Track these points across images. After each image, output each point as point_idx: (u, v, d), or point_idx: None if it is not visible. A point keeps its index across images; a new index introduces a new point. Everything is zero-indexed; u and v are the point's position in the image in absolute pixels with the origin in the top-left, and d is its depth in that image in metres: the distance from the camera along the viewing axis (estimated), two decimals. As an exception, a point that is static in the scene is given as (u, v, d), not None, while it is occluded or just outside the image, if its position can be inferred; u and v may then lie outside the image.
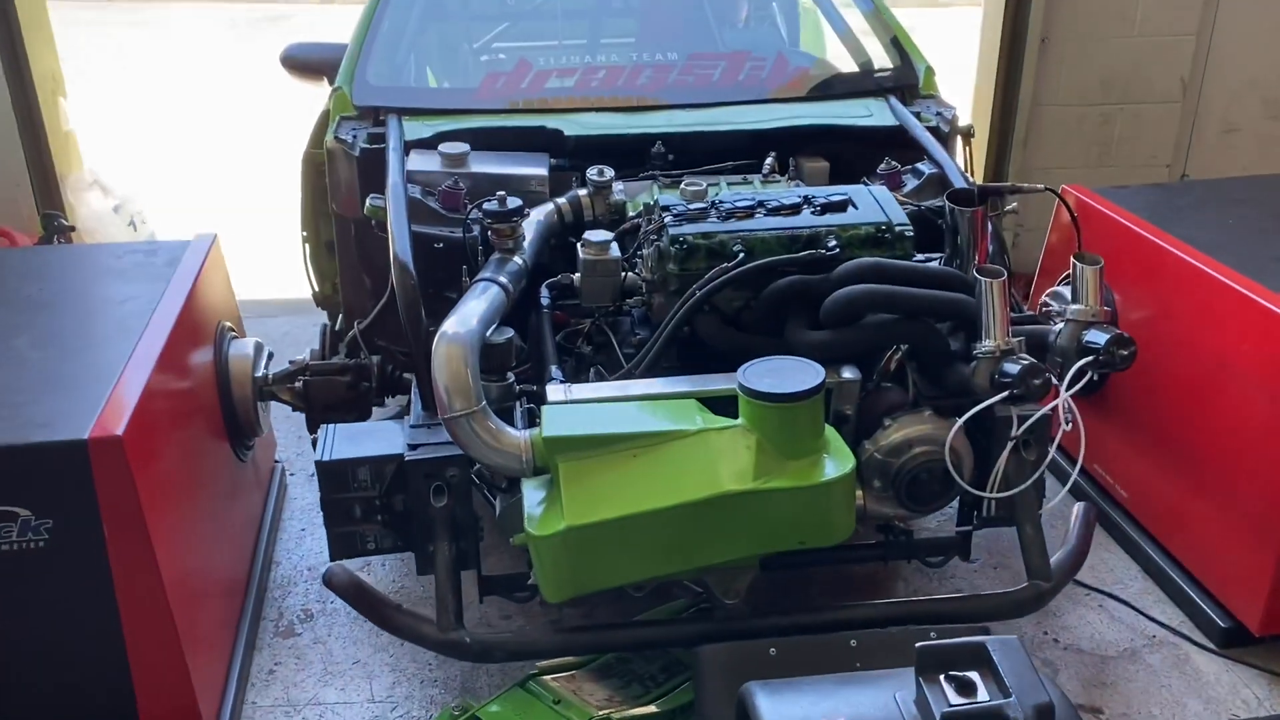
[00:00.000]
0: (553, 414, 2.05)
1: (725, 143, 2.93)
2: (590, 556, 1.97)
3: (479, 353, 2.12)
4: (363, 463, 2.13)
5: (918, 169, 2.82)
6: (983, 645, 1.55)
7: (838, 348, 2.20)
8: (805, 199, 2.42)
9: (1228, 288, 2.47)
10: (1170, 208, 2.94)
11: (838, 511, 2.01)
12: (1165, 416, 2.68)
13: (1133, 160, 4.26)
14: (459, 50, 3.51)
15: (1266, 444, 2.35)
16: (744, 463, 1.97)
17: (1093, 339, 2.14)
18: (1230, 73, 4.20)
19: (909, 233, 2.34)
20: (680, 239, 2.29)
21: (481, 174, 2.74)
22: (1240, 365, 2.42)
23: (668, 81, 3.10)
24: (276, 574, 2.80)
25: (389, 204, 2.53)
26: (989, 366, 2.11)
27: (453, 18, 3.64)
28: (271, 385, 2.69)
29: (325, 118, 3.08)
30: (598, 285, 2.45)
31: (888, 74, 3.25)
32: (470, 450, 2.03)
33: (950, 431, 2.13)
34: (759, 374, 2.01)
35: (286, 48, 3.38)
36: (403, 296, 2.30)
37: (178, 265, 2.61)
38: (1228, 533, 2.48)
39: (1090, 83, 4.11)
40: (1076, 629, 2.59)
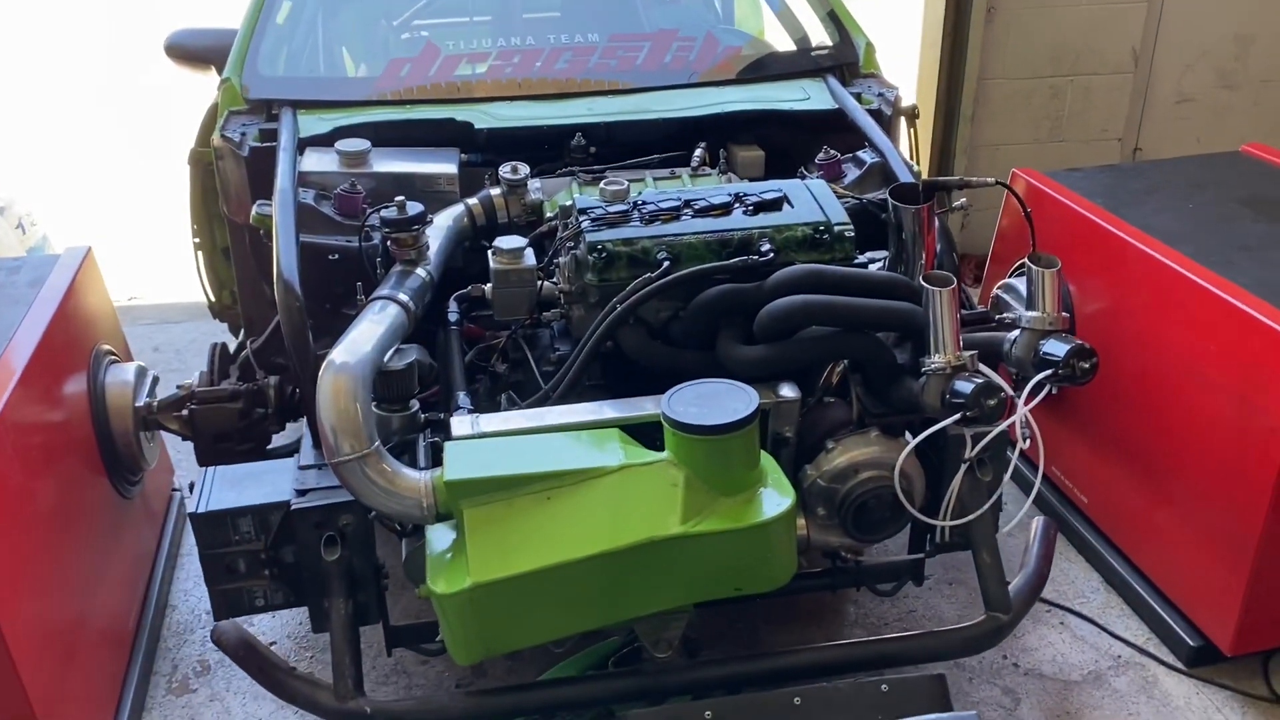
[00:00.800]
0: (456, 453, 1.83)
1: (651, 132, 2.70)
2: (501, 615, 1.75)
3: (373, 383, 1.89)
4: (244, 513, 1.90)
5: (859, 157, 2.62)
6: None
7: (774, 364, 2.00)
8: (736, 197, 2.20)
9: (1191, 283, 2.29)
10: (1127, 192, 2.76)
11: (778, 553, 1.81)
12: (1126, 418, 2.51)
13: (1084, 134, 4.09)
14: (360, 34, 3.23)
15: (1235, 450, 2.19)
16: (671, 503, 1.75)
17: (1051, 350, 1.95)
18: (1182, 42, 4.04)
19: (849, 233, 2.14)
20: (599, 246, 2.06)
21: (384, 173, 2.50)
22: (1206, 366, 2.25)
23: (588, 65, 2.86)
24: (172, 619, 2.56)
25: (275, 212, 2.27)
26: (939, 384, 1.91)
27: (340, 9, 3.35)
28: (156, 414, 2.43)
29: (214, 112, 2.81)
30: (511, 297, 2.22)
31: (825, 52, 3.03)
32: (363, 497, 1.80)
33: (901, 455, 1.94)
34: (685, 402, 1.79)
35: (171, 34, 3.09)
36: (287, 320, 2.06)
37: (42, 285, 2.34)
38: (1195, 544, 2.32)
39: (1039, 55, 3.93)
40: (1037, 651, 2.42)
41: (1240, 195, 2.73)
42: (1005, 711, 2.27)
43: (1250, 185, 2.79)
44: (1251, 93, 4.17)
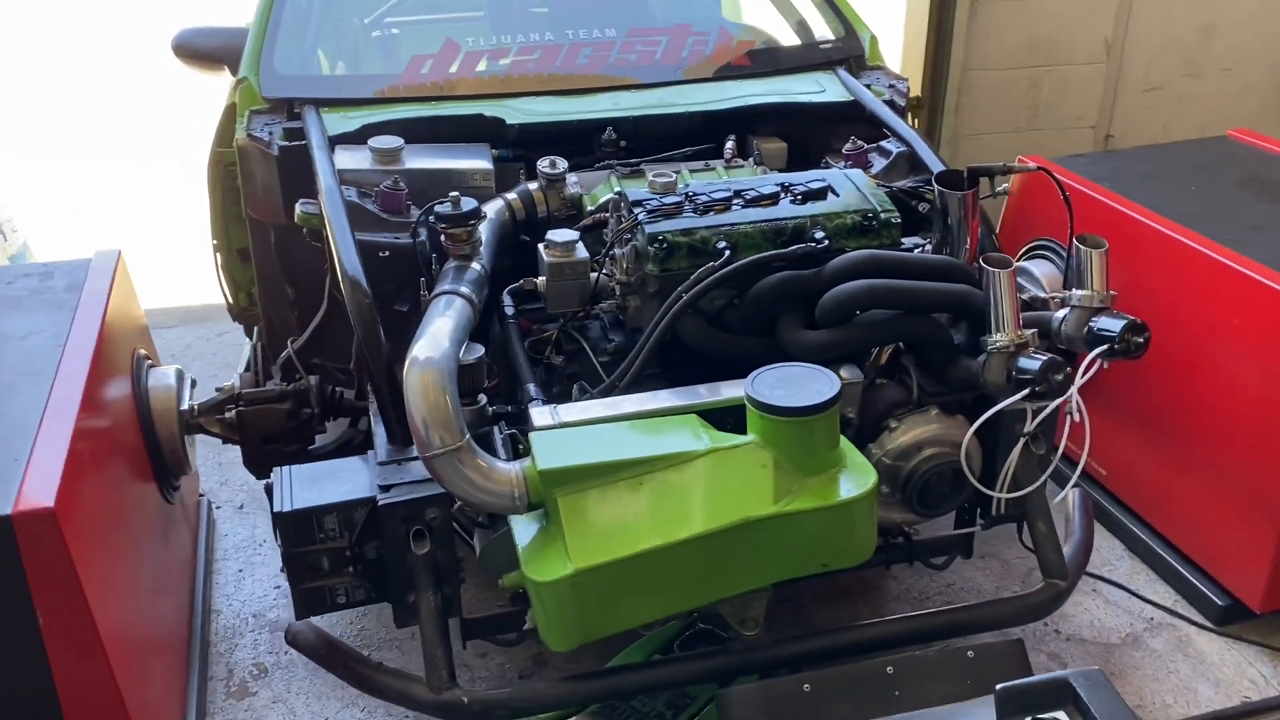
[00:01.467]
0: (544, 443, 1.85)
1: (677, 125, 2.75)
2: (601, 599, 1.78)
3: (456, 377, 1.91)
4: (329, 510, 1.89)
5: (884, 147, 2.69)
6: (1066, 681, 1.43)
7: (840, 347, 2.05)
8: (783, 187, 2.25)
9: (1212, 260, 2.41)
10: (1132, 176, 2.88)
11: (862, 529, 1.87)
12: (1147, 392, 2.62)
13: (1060, 122, 4.23)
14: (373, 30, 3.22)
15: (1261, 415, 2.31)
16: (762, 484, 1.80)
17: (1106, 326, 2.04)
18: (1150, 32, 4.20)
19: (895, 219, 2.21)
20: (659, 237, 2.10)
21: (419, 170, 2.49)
22: (1231, 339, 2.37)
23: (609, 60, 2.89)
24: (219, 624, 2.53)
25: (326, 211, 2.27)
26: (1002, 362, 1.99)
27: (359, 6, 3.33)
28: (199, 418, 2.40)
29: (231, 112, 2.77)
30: (565, 289, 2.24)
31: (833, 45, 3.10)
32: (455, 490, 1.81)
33: (968, 432, 2.01)
34: (769, 385, 1.84)
35: (178, 34, 3.04)
36: (358, 317, 2.05)
37: (81, 290, 2.29)
38: (1221, 508, 2.44)
39: (1018, 46, 4.05)
40: (1075, 618, 2.53)
41: (1238, 178, 2.87)
42: (1051, 676, 2.37)
43: (1245, 168, 2.93)
44: (1214, 80, 4.36)
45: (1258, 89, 4.42)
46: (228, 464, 3.08)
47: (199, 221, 4.16)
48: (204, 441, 2.48)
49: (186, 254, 4.47)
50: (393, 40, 3.18)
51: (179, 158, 5.91)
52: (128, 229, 4.92)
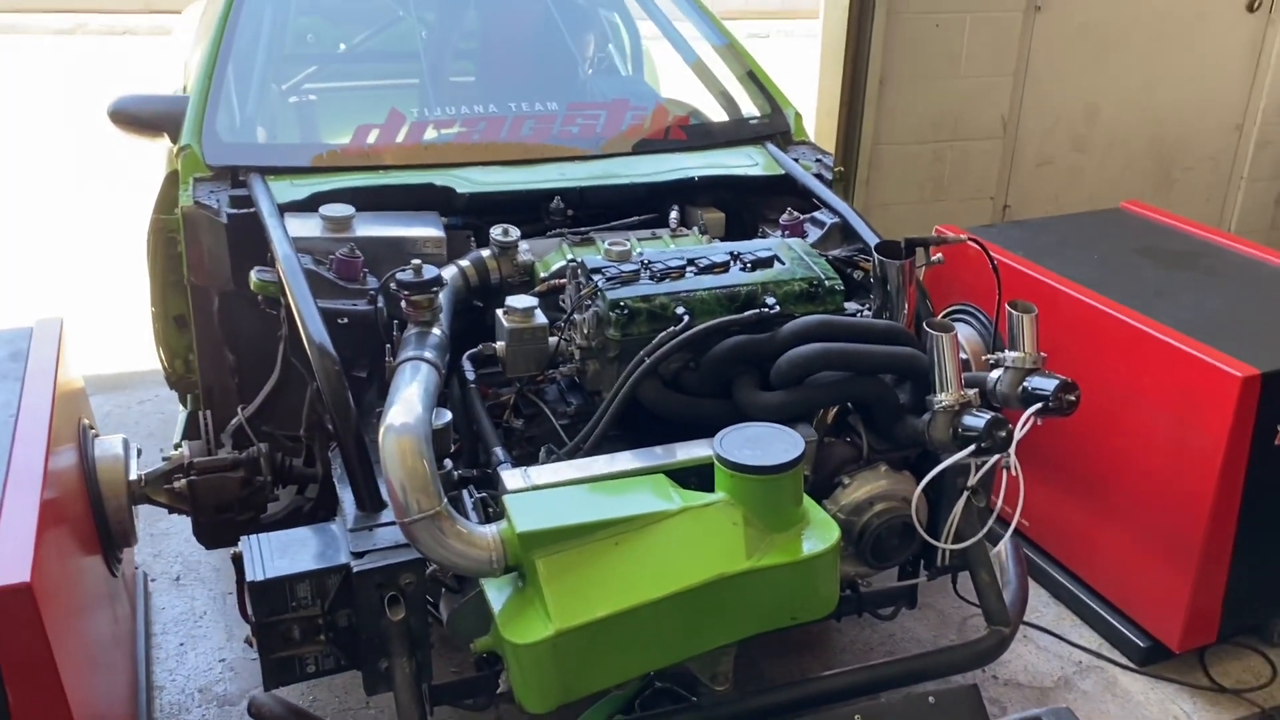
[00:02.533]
0: (520, 506, 1.88)
1: (622, 196, 2.85)
2: (579, 659, 1.81)
3: (430, 442, 1.94)
4: (303, 578, 1.88)
5: (817, 218, 2.83)
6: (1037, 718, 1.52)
7: (795, 408, 2.15)
8: (733, 255, 2.36)
9: (1124, 323, 2.60)
10: (1041, 245, 3.09)
11: (827, 582, 1.95)
12: (1067, 448, 2.79)
13: (962, 194, 4.49)
14: (310, 95, 3.25)
15: (1175, 468, 2.49)
16: (734, 541, 1.87)
17: (1039, 386, 2.19)
18: (1041, 111, 4.51)
19: (839, 287, 2.34)
20: (620, 303, 2.18)
21: (371, 238, 2.53)
22: (1142, 397, 2.55)
23: (552, 132, 2.98)
24: (163, 700, 2.46)
25: (285, 279, 2.27)
26: (947, 420, 2.11)
27: (299, 62, 3.36)
28: (146, 488, 2.35)
29: (173, 179, 2.76)
30: (525, 354, 2.29)
31: (761, 121, 3.26)
32: (434, 555, 1.82)
33: (918, 488, 2.12)
34: (737, 445, 1.92)
35: (115, 101, 3.01)
36: (327, 384, 2.06)
37: (26, 358, 2.24)
38: (1139, 556, 2.61)
39: (923, 123, 4.30)
40: (1011, 663, 2.65)
41: (1135, 247, 3.10)
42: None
43: (1140, 238, 3.17)
44: (1099, 155, 4.69)
45: (1139, 163, 4.78)
46: (160, 535, 3.00)
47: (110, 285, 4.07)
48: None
49: (102, 318, 4.37)
50: (335, 109, 3.21)
51: (85, 221, 5.78)
52: (35, 295, 4.76)
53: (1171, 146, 4.79)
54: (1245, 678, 2.61)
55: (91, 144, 6.65)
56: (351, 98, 3.27)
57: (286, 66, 3.39)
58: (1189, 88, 4.68)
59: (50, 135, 7.26)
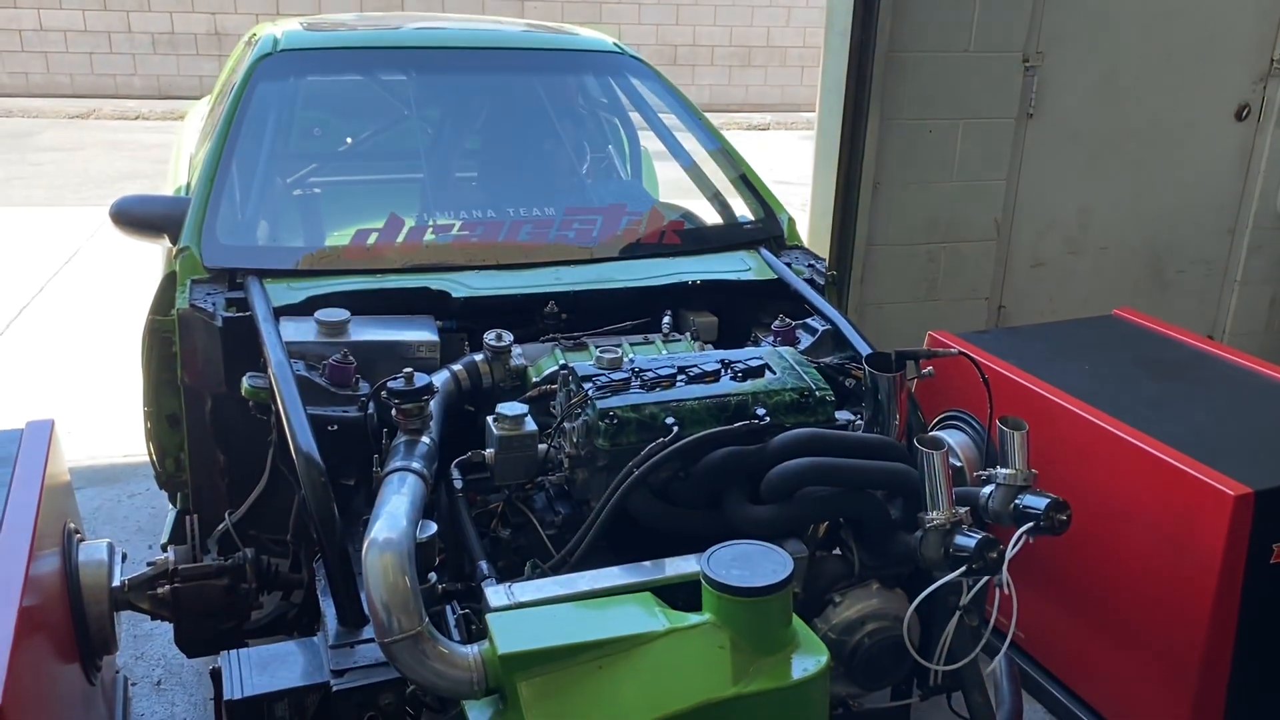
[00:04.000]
0: (503, 625, 1.85)
1: (616, 300, 2.87)
2: (562, 787, 1.77)
3: (413, 559, 1.92)
4: (281, 696, 1.85)
5: (809, 325, 2.85)
6: None
7: (785, 523, 2.13)
8: (723, 364, 2.37)
9: (1117, 437, 2.59)
10: (1033, 353, 3.10)
11: (817, 706, 1.91)
12: (1061, 561, 2.77)
13: (956, 294, 4.52)
14: (313, 197, 3.29)
15: (1170, 585, 2.46)
16: (720, 665, 1.83)
17: (1031, 504, 2.17)
18: (1035, 214, 4.57)
19: (830, 398, 2.33)
20: (610, 413, 2.17)
21: (365, 342, 2.54)
22: (1138, 512, 2.53)
23: (549, 237, 3.02)
24: (136, 817, 2.40)
25: (276, 386, 2.28)
26: (939, 539, 2.09)
27: (302, 162, 3.42)
28: (129, 594, 2.32)
29: (171, 280, 2.78)
30: (514, 462, 2.28)
31: (755, 226, 3.30)
32: (414, 675, 1.79)
33: (909, 608, 2.09)
34: (724, 564, 1.89)
35: (117, 202, 3.05)
36: (313, 495, 2.05)
37: (15, 463, 2.23)
38: (1136, 674, 2.56)
39: (917, 224, 4.36)
40: (1006, 783, 2.58)
41: (1128, 357, 3.11)
42: (989, 845, 2.40)
43: (1133, 347, 3.19)
44: (1092, 258, 4.74)
45: (1132, 265, 4.83)
46: (143, 636, 2.96)
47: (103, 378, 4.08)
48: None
49: (94, 412, 4.36)
50: (335, 212, 3.26)
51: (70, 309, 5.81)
52: (28, 384, 4.77)
53: (1164, 250, 4.84)
54: (1248, 804, 2.55)
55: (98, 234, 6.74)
56: (353, 196, 3.32)
57: (289, 164, 3.45)
58: (1180, 193, 4.75)
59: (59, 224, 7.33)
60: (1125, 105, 4.53)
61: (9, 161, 9.34)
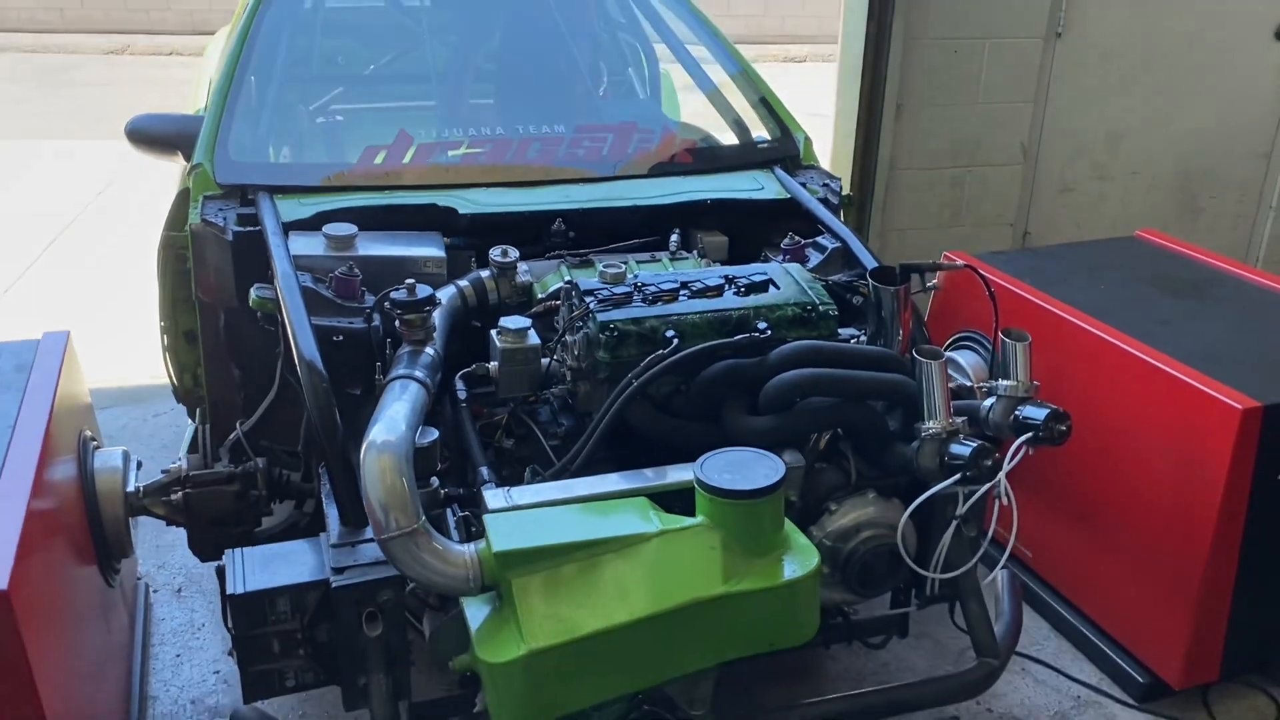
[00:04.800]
0: (499, 525, 1.89)
1: (625, 219, 2.86)
2: (553, 680, 1.81)
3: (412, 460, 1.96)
4: (282, 592, 1.90)
5: (819, 243, 2.83)
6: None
7: (782, 433, 2.14)
8: (727, 279, 2.36)
9: (1127, 354, 2.56)
10: (1049, 272, 3.06)
11: (807, 608, 1.93)
12: (1069, 479, 2.76)
13: (980, 220, 4.46)
14: (326, 119, 3.30)
15: (1176, 502, 2.44)
16: (711, 565, 1.86)
17: (1030, 414, 2.16)
18: (1063, 138, 4.47)
19: (833, 312, 2.33)
20: (610, 325, 2.18)
21: (372, 257, 2.56)
22: (1144, 428, 2.51)
23: (558, 155, 3.01)
24: (156, 711, 2.49)
25: (282, 296, 2.31)
26: (935, 448, 2.09)
27: (315, 84, 3.42)
28: (144, 500, 2.39)
29: (185, 197, 2.81)
30: (517, 374, 2.31)
31: (770, 146, 3.26)
32: (411, 572, 1.84)
33: (903, 515, 2.11)
34: (718, 469, 1.91)
35: (133, 119, 3.08)
36: (314, 401, 2.09)
37: (30, 370, 2.29)
38: (1140, 589, 2.56)
39: (941, 147, 4.28)
40: (1007, 696, 2.61)
41: (1145, 276, 3.06)
42: (986, 754, 2.45)
43: (1151, 267, 3.13)
44: (1121, 183, 4.64)
45: (1163, 191, 4.72)
46: (165, 547, 3.04)
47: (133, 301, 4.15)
48: (143, 523, 2.46)
49: (123, 333, 4.45)
50: (346, 129, 3.26)
51: (104, 236, 5.90)
52: (61, 308, 4.87)
53: (1197, 175, 4.73)
54: (1249, 717, 2.55)
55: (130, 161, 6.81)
56: (366, 119, 3.32)
57: (302, 85, 3.45)
58: (1214, 115, 4.62)
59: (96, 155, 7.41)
60: (1158, 24, 4.39)
61: (48, 96, 9.44)
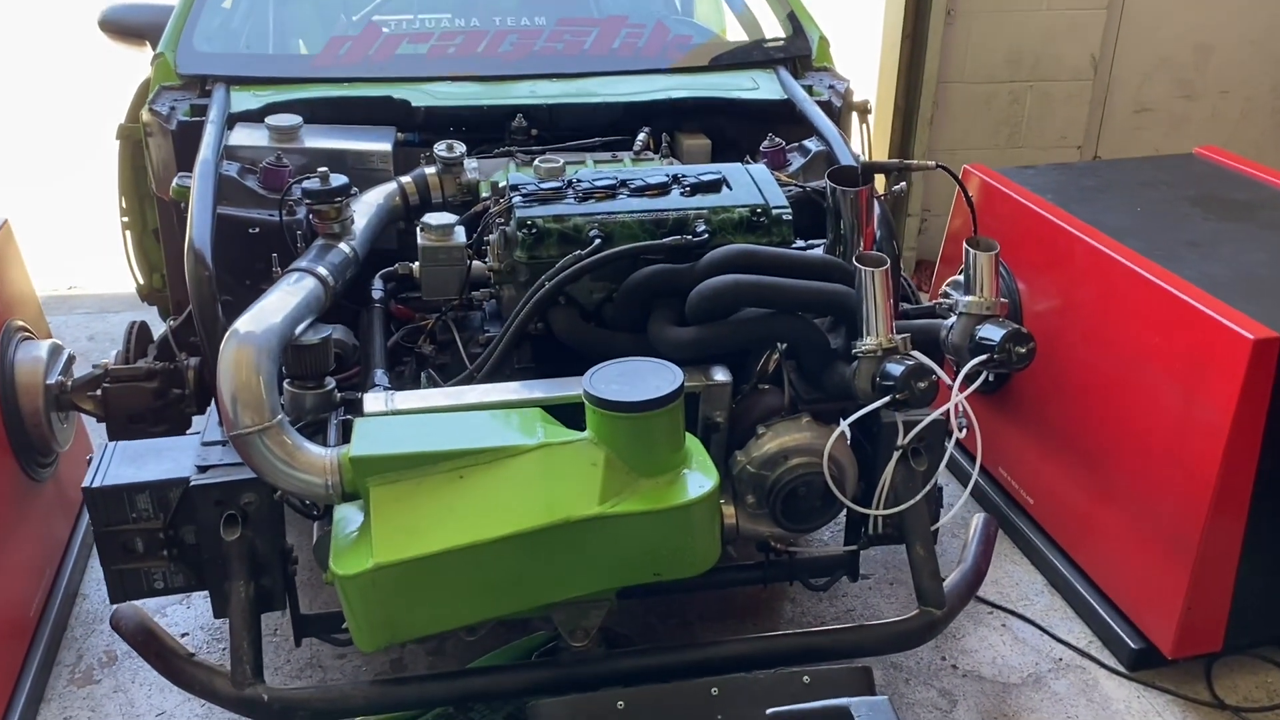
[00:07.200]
0: (366, 429, 1.75)
1: (595, 116, 2.64)
2: (406, 599, 1.67)
3: (285, 357, 1.83)
4: (141, 488, 1.80)
5: (804, 146, 2.57)
6: (845, 710, 1.29)
7: (705, 346, 1.93)
8: (674, 178, 2.14)
9: (1137, 276, 2.25)
10: (1078, 189, 2.72)
11: (700, 537, 1.74)
12: (1072, 415, 2.46)
13: (1043, 141, 4.07)
14: (303, 13, 3.15)
15: (1178, 445, 2.14)
16: (590, 483, 1.68)
17: (987, 335, 1.89)
18: (1142, 50, 4.02)
19: (787, 216, 2.08)
20: (528, 222, 1.99)
21: (315, 149, 2.42)
22: (1151, 360, 2.20)
23: (533, 49, 2.80)
24: (81, 609, 2.45)
25: (194, 182, 2.19)
26: (870, 367, 1.85)
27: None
28: (70, 394, 2.33)
29: (145, 88, 2.72)
30: (440, 276, 2.15)
31: (778, 44, 2.99)
32: (264, 473, 1.71)
33: (829, 441, 1.87)
34: (607, 379, 1.72)
35: (105, 9, 3.00)
36: (195, 291, 1.97)
37: (-50, 256, 2.24)
38: (1138, 545, 2.27)
39: (998, 59, 3.90)
40: (977, 653, 2.36)
41: (1191, 195, 2.70)
42: (941, 713, 2.20)
43: (1201, 185, 2.76)
44: (1209, 103, 4.17)
45: (1259, 113, 4.22)
46: (132, 448, 3.00)
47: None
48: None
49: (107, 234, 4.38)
50: (317, 21, 3.11)
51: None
52: (90, 209, 4.84)
53: (1300, 96, 4.21)
54: (1256, 695, 2.24)
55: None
56: (339, 8, 3.14)
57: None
58: (1324, 28, 4.09)
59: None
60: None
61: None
